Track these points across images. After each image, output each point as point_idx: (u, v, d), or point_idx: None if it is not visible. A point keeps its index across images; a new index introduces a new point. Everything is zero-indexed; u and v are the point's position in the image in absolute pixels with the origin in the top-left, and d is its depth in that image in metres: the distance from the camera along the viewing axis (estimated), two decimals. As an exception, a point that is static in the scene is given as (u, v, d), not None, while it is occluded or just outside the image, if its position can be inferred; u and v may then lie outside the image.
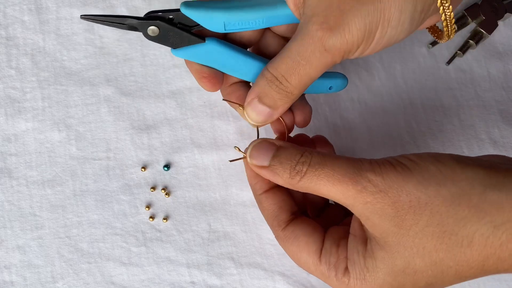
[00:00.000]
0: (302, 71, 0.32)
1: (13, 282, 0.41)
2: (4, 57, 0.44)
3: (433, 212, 0.29)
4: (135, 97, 0.45)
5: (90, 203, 0.43)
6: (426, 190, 0.29)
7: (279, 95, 0.33)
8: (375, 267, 0.31)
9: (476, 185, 0.29)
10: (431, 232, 0.29)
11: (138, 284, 0.41)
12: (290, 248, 0.35)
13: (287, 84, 0.32)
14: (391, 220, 0.30)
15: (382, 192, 0.30)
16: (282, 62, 0.32)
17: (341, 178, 0.31)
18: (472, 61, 0.47)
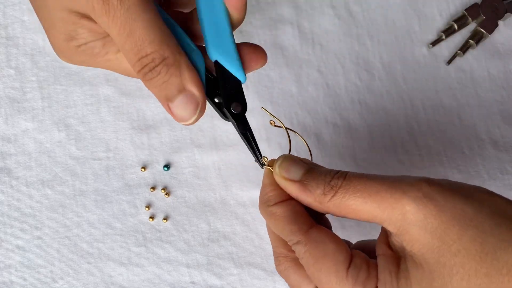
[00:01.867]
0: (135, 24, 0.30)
1: (13, 282, 0.41)
2: (4, 57, 0.44)
3: (478, 229, 0.27)
4: (135, 97, 0.44)
5: (90, 203, 0.43)
6: (472, 204, 0.27)
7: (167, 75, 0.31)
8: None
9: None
10: (473, 251, 0.27)
11: (138, 284, 0.41)
12: (314, 253, 0.30)
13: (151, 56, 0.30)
14: (433, 232, 0.27)
15: (426, 197, 0.27)
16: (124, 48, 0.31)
17: (379, 187, 0.28)
18: (473, 61, 0.47)
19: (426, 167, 0.45)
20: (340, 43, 0.47)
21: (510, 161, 0.45)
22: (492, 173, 0.45)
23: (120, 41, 0.30)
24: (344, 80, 0.46)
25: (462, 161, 0.45)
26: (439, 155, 0.45)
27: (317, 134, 0.45)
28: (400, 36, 0.47)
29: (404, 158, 0.45)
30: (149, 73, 0.31)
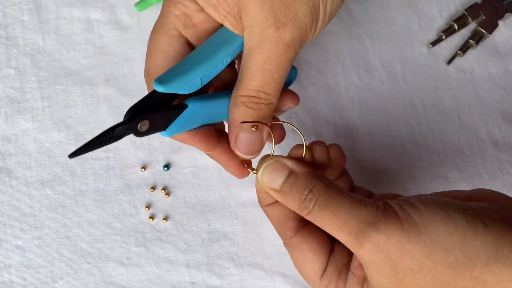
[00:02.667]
0: (276, 76, 0.31)
1: (12, 282, 0.41)
2: (4, 57, 0.44)
3: (434, 278, 0.28)
4: (135, 97, 0.44)
5: (90, 203, 0.43)
6: (432, 255, 0.28)
7: (261, 112, 0.32)
8: None
9: (482, 255, 0.28)
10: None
11: (138, 284, 0.41)
12: (295, 258, 0.35)
13: (267, 96, 0.32)
14: (389, 279, 0.29)
15: (383, 252, 0.28)
16: (252, 79, 0.31)
17: (342, 227, 0.29)
18: (473, 61, 0.47)
19: (426, 167, 0.45)
20: (340, 43, 0.47)
21: (510, 161, 0.45)
22: (492, 173, 0.45)
23: None
24: (344, 80, 0.46)
25: (462, 161, 0.45)
26: (439, 155, 0.45)
27: (317, 134, 0.45)
28: (400, 36, 0.47)
29: (404, 158, 0.45)
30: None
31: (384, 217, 0.29)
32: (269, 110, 0.33)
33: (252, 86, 0.32)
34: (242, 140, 0.33)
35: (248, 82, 0.32)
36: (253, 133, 0.33)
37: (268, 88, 0.32)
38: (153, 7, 0.46)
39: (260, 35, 0.31)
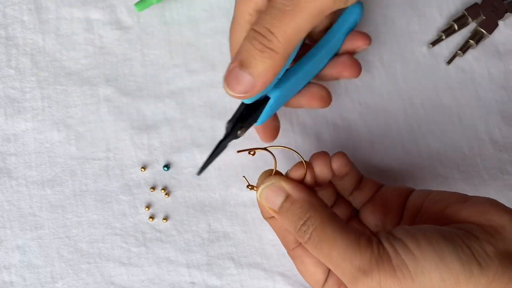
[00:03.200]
0: (290, 18, 0.29)
1: (12, 282, 0.41)
2: (4, 57, 0.44)
3: None
4: (135, 97, 0.44)
5: (90, 203, 0.43)
6: None
7: (262, 55, 0.30)
8: None
9: None
10: None
11: (138, 284, 0.41)
12: (298, 267, 0.36)
13: (272, 37, 0.30)
14: None
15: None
16: (267, 14, 0.30)
17: (337, 269, 0.30)
18: (473, 61, 0.47)
19: (426, 167, 0.45)
20: (340, 43, 0.47)
21: (510, 161, 0.45)
22: (492, 173, 0.45)
23: None
24: (344, 80, 0.46)
25: (462, 161, 0.45)
26: (439, 155, 0.45)
27: (317, 134, 0.45)
28: (400, 35, 0.47)
29: (404, 158, 0.45)
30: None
31: (377, 264, 0.28)
32: (271, 58, 0.30)
33: (263, 20, 0.30)
34: (236, 73, 0.31)
35: (262, 16, 0.30)
36: (246, 71, 0.31)
37: (277, 30, 0.30)
38: (153, 7, 0.46)
39: None
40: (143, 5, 0.45)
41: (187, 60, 0.45)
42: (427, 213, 0.33)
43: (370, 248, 0.29)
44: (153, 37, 0.45)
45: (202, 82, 0.45)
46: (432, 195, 0.34)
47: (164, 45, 0.45)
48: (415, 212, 0.34)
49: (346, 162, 0.35)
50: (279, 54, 0.30)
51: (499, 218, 0.29)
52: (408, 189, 0.37)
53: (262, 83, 0.31)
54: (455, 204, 0.32)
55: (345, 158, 0.35)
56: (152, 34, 0.46)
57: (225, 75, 0.32)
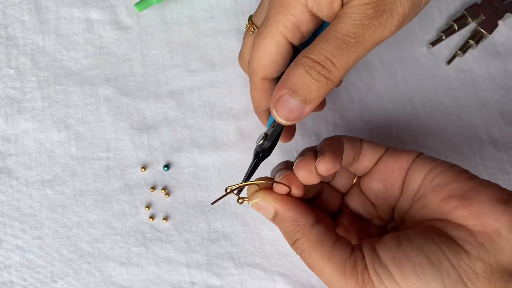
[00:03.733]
0: (353, 50, 0.29)
1: (12, 282, 0.41)
2: (4, 57, 0.44)
3: None
4: (135, 97, 0.44)
5: (90, 203, 0.43)
6: None
7: (318, 84, 0.30)
8: None
9: None
10: None
11: (138, 284, 0.41)
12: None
13: (332, 68, 0.30)
14: None
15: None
16: (327, 44, 0.30)
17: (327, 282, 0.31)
18: (472, 61, 0.47)
19: (426, 167, 0.45)
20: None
21: (510, 161, 0.45)
22: (492, 173, 0.45)
23: None
24: (344, 80, 0.46)
25: (462, 161, 0.45)
26: (439, 155, 0.45)
27: (317, 134, 0.45)
28: (400, 36, 0.47)
29: (404, 158, 0.45)
30: None
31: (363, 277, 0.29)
32: (326, 87, 0.30)
33: (323, 50, 0.30)
34: (286, 100, 0.31)
35: (320, 45, 0.30)
36: (298, 99, 0.31)
37: (338, 60, 0.30)
38: (153, 7, 0.46)
39: (358, 9, 0.29)
40: (143, 5, 0.45)
41: (187, 60, 0.45)
42: (424, 201, 0.32)
43: (355, 277, 0.29)
44: (153, 37, 0.45)
45: (202, 82, 0.45)
46: (432, 174, 0.32)
47: (164, 45, 0.45)
48: (414, 191, 0.33)
49: (334, 164, 0.33)
50: (334, 82, 0.31)
51: (495, 222, 0.29)
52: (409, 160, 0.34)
53: (312, 109, 0.32)
54: (453, 198, 0.31)
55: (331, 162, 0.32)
56: (152, 34, 0.46)
57: (274, 101, 0.31)
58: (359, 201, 0.37)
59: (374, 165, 0.36)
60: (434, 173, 0.32)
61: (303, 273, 0.42)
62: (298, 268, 0.42)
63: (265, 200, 0.33)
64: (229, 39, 0.46)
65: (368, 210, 0.36)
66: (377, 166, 0.35)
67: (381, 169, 0.35)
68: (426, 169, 0.33)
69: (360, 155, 0.35)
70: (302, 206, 0.33)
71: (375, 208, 0.36)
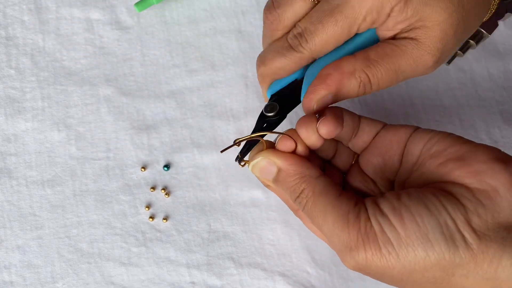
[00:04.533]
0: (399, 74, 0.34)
1: (12, 282, 0.41)
2: (4, 57, 0.44)
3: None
4: (135, 97, 0.45)
5: (90, 203, 0.43)
6: (411, 275, 0.29)
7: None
8: None
9: (460, 270, 0.29)
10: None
11: (138, 284, 0.41)
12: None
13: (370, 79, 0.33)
14: (387, 276, 0.30)
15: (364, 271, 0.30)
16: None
17: (327, 239, 0.31)
18: (472, 61, 0.47)
19: (426, 167, 0.45)
20: (340, 43, 0.47)
21: (510, 161, 0.45)
22: (492, 173, 0.45)
23: None
24: (344, 80, 0.46)
25: (462, 161, 0.45)
26: (439, 155, 0.45)
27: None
28: (400, 36, 0.47)
29: (404, 158, 0.45)
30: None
31: (363, 242, 0.29)
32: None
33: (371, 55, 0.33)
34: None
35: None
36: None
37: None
38: (153, 7, 0.46)
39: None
40: (143, 5, 0.45)
41: (187, 60, 0.45)
42: (422, 168, 0.33)
43: (358, 226, 0.30)
44: (153, 37, 0.46)
45: (202, 82, 0.45)
46: (430, 143, 0.33)
47: (164, 45, 0.45)
48: (413, 162, 0.34)
49: (335, 125, 0.33)
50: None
51: (494, 181, 0.29)
52: (408, 133, 0.35)
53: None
54: (451, 161, 0.31)
55: (333, 123, 0.33)
56: (152, 34, 0.46)
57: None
58: (360, 179, 0.37)
59: (372, 139, 0.36)
60: (432, 142, 0.33)
61: (303, 273, 0.42)
62: (298, 268, 0.42)
63: (268, 158, 0.33)
64: (229, 39, 0.46)
65: (368, 187, 0.37)
66: (375, 140, 0.36)
67: (380, 144, 0.35)
68: (424, 140, 0.33)
69: (358, 129, 0.36)
70: (305, 161, 0.33)
71: (376, 185, 0.36)
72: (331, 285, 0.42)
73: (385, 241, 0.29)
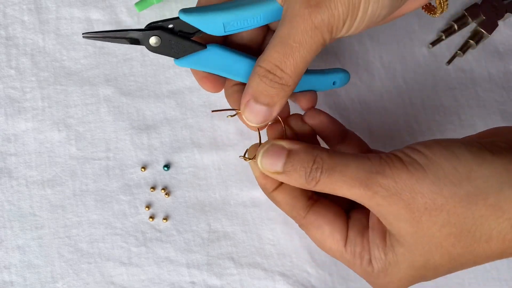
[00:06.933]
0: (297, 55, 0.31)
1: (13, 282, 0.41)
2: (4, 57, 0.44)
3: (450, 213, 0.29)
4: (135, 97, 0.45)
5: (90, 203, 0.43)
6: (442, 191, 0.29)
7: (274, 90, 0.32)
8: (396, 262, 0.31)
9: (493, 182, 0.28)
10: (448, 231, 0.29)
11: (138, 284, 0.41)
12: (315, 235, 0.35)
13: (282, 74, 0.31)
14: (407, 222, 0.29)
15: (394, 195, 0.29)
16: (273, 51, 0.31)
17: (353, 183, 0.30)
18: (472, 61, 0.47)
19: (426, 167, 0.45)
20: (340, 43, 0.47)
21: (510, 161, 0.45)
22: (492, 173, 0.45)
23: None
24: (344, 80, 0.46)
25: (462, 161, 0.45)
26: (439, 155, 0.45)
27: (317, 134, 0.45)
28: (400, 36, 0.47)
29: (404, 158, 0.45)
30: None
31: (388, 164, 0.30)
32: (282, 91, 0.32)
33: (271, 58, 0.31)
34: (251, 106, 0.33)
35: (269, 53, 0.31)
36: (261, 104, 0.33)
37: (285, 66, 0.31)
38: (153, 7, 0.46)
39: (293, 8, 0.30)
40: (143, 5, 0.45)
41: (187, 60, 0.45)
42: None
43: (379, 156, 0.30)
44: (153, 37, 0.45)
45: (202, 82, 0.45)
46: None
47: (164, 45, 0.45)
48: None
49: (314, 103, 0.37)
50: (290, 86, 0.32)
51: (507, 128, 0.33)
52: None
53: (280, 109, 0.33)
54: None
55: (312, 99, 0.37)
56: (152, 34, 0.46)
57: (242, 107, 0.33)
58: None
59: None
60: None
61: (303, 273, 0.42)
62: (298, 268, 0.42)
63: (275, 143, 0.34)
64: (229, 39, 0.46)
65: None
66: None
67: None
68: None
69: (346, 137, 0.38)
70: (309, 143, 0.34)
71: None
72: (331, 285, 0.42)
73: (410, 160, 0.29)
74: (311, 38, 0.30)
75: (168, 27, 0.33)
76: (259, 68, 0.32)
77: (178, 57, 0.34)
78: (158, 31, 0.33)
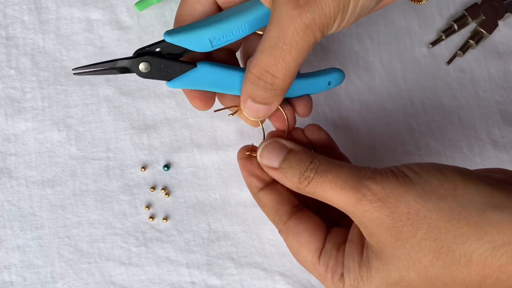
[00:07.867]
0: (288, 57, 0.30)
1: (13, 282, 0.41)
2: (4, 57, 0.44)
3: (431, 226, 0.29)
4: (135, 97, 0.45)
5: (90, 203, 0.43)
6: (426, 203, 0.29)
7: (268, 93, 0.32)
8: (369, 277, 0.31)
9: (477, 202, 0.28)
10: (428, 247, 0.29)
11: (138, 284, 0.41)
12: (291, 243, 0.35)
13: (273, 79, 0.31)
14: (388, 231, 0.29)
15: (380, 201, 0.29)
16: (263, 55, 0.31)
17: (343, 185, 0.31)
18: (472, 61, 0.47)
19: (426, 167, 0.45)
20: (340, 43, 0.47)
21: (510, 161, 0.45)
22: (492, 173, 0.45)
23: None
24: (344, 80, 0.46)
25: (462, 161, 0.45)
26: (439, 155, 0.45)
27: (317, 134, 0.45)
28: (400, 36, 0.47)
29: (404, 158, 0.45)
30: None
31: (380, 173, 0.31)
32: (275, 95, 0.32)
33: (261, 63, 0.31)
34: (250, 105, 0.33)
35: (258, 57, 0.31)
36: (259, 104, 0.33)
37: (276, 70, 0.31)
38: (153, 7, 0.46)
39: (281, 9, 0.29)
40: (143, 5, 0.45)
41: (187, 60, 0.45)
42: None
43: (373, 168, 0.31)
44: (153, 37, 0.45)
45: (202, 82, 0.45)
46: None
47: (164, 45, 0.45)
48: None
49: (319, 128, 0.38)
50: (283, 89, 0.33)
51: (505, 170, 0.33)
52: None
53: (278, 104, 0.34)
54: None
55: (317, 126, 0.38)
56: (152, 34, 0.46)
57: (241, 106, 0.34)
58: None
59: None
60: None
61: (303, 273, 0.42)
62: (298, 268, 0.42)
63: (279, 140, 0.34)
64: (229, 39, 0.46)
65: None
66: None
67: None
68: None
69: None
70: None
71: None
72: (331, 285, 0.42)
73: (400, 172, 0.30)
74: (302, 39, 0.30)
75: (155, 51, 0.33)
76: (250, 75, 0.32)
77: (169, 79, 0.34)
78: (147, 56, 0.33)
